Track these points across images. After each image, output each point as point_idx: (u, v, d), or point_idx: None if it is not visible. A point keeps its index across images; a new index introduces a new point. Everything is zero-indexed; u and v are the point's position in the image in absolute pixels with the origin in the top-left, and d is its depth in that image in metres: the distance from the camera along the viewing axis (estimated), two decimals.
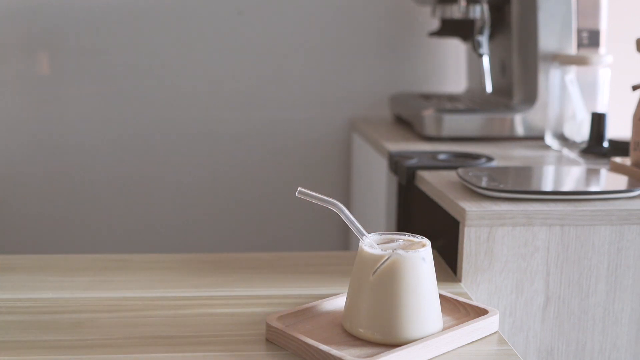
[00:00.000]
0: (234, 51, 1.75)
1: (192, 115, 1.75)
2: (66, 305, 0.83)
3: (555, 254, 0.94)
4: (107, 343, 0.74)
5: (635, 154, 1.10)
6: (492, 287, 0.94)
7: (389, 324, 0.71)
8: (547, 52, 1.42)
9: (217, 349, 0.73)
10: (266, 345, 0.74)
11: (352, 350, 0.70)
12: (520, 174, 1.10)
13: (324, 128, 1.79)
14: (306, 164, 1.80)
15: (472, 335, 0.75)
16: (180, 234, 1.79)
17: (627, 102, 1.46)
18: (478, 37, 1.48)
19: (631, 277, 0.96)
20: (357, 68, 1.78)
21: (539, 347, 0.97)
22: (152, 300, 0.85)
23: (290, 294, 0.88)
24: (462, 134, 1.42)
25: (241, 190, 1.79)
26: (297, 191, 0.74)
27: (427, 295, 0.73)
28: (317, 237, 1.82)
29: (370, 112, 1.79)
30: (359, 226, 0.75)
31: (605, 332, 0.97)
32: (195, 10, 1.73)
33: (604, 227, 0.94)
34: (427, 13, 1.75)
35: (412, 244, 0.75)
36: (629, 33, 1.59)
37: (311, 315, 0.78)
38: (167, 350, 0.72)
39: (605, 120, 1.29)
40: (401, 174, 1.18)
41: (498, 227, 0.93)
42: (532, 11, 1.43)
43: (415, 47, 1.78)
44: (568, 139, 1.35)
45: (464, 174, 1.04)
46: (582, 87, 1.36)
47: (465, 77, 1.77)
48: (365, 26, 1.77)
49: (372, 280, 0.72)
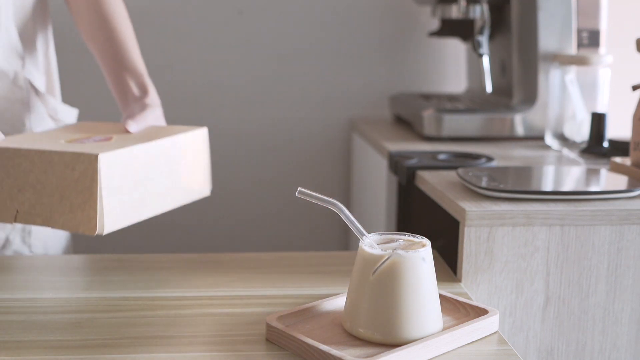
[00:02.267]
0: (234, 51, 1.75)
1: (192, 115, 1.75)
2: (66, 305, 0.83)
3: (555, 254, 0.94)
4: (107, 343, 0.74)
5: (635, 154, 1.10)
6: (492, 287, 0.94)
7: (389, 324, 0.71)
8: (547, 52, 1.42)
9: (217, 349, 0.73)
10: (266, 345, 0.74)
11: (352, 350, 0.70)
12: (520, 174, 1.10)
13: (324, 128, 1.79)
14: (306, 164, 1.80)
15: (472, 335, 0.75)
16: (181, 234, 1.79)
17: (627, 102, 1.46)
18: (478, 37, 1.48)
19: (631, 277, 0.96)
20: (357, 68, 1.78)
21: (539, 347, 0.97)
22: (152, 300, 0.85)
23: (290, 294, 0.88)
24: (462, 134, 1.42)
25: (241, 190, 1.79)
26: (297, 191, 0.74)
27: (427, 295, 0.73)
28: (317, 237, 1.82)
29: (370, 112, 1.79)
30: (359, 226, 0.75)
31: (605, 332, 0.97)
32: (195, 10, 1.73)
33: (604, 227, 0.94)
34: (427, 13, 1.75)
35: (412, 244, 0.75)
36: (629, 33, 1.59)
37: (311, 315, 0.78)
38: (167, 350, 0.72)
39: (605, 120, 1.29)
40: (401, 174, 1.18)
41: (498, 227, 0.93)
42: (532, 11, 1.43)
43: (415, 47, 1.79)
44: (568, 139, 1.35)
45: (464, 174, 1.04)
46: (582, 87, 1.36)
47: (465, 77, 1.77)
48: (365, 26, 1.77)
49: (372, 280, 0.72)
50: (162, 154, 0.91)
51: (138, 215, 0.89)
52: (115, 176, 0.84)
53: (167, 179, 0.93)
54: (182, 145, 0.95)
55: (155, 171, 0.90)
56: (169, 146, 0.92)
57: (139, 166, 0.88)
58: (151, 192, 0.90)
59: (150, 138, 0.92)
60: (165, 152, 0.92)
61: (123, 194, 0.86)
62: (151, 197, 0.90)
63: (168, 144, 0.92)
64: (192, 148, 0.97)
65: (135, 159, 0.87)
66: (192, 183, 0.97)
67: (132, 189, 0.87)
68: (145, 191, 0.89)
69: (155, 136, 0.93)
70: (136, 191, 0.88)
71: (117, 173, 0.85)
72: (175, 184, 0.94)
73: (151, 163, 0.90)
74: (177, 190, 0.95)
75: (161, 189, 0.92)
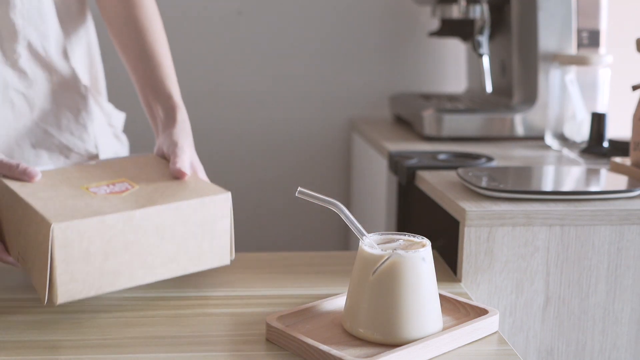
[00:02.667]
0: (234, 51, 1.75)
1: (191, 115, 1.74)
2: (66, 305, 0.83)
3: (555, 254, 0.94)
4: (107, 343, 0.74)
5: (635, 154, 1.10)
6: (492, 287, 0.94)
7: (389, 324, 0.71)
8: (547, 52, 1.42)
9: (217, 349, 0.73)
10: (266, 345, 0.74)
11: (352, 350, 0.70)
12: (520, 174, 1.10)
13: (324, 128, 1.79)
14: (306, 164, 1.80)
15: (472, 335, 0.75)
16: None
17: (627, 102, 1.46)
18: (478, 37, 1.48)
19: (631, 277, 0.96)
20: (357, 68, 1.78)
21: (539, 347, 0.97)
22: (152, 300, 0.85)
23: (290, 294, 0.88)
24: (462, 134, 1.42)
25: (241, 190, 1.79)
26: (297, 191, 0.74)
27: (427, 295, 0.73)
28: (317, 237, 1.82)
29: (370, 112, 1.79)
30: (359, 226, 0.75)
31: (605, 332, 0.97)
32: (195, 10, 1.73)
33: (604, 227, 0.94)
34: (427, 13, 1.75)
35: (412, 244, 0.75)
36: (629, 33, 1.59)
37: (311, 315, 0.78)
38: (167, 350, 0.72)
39: (605, 120, 1.29)
40: (401, 174, 1.18)
41: (498, 227, 0.93)
42: (532, 11, 1.43)
43: (415, 47, 1.79)
44: (568, 139, 1.35)
45: (464, 174, 1.04)
46: (582, 87, 1.36)
47: (465, 77, 1.77)
48: (365, 26, 1.77)
49: (372, 280, 0.72)
50: (161, 220, 0.82)
51: (112, 285, 0.80)
52: (76, 246, 0.76)
53: (167, 246, 0.82)
54: (191, 211, 0.83)
55: (146, 238, 0.81)
56: (171, 212, 0.82)
57: (116, 233, 0.79)
58: (137, 260, 0.81)
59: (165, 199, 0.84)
60: (166, 217, 0.82)
61: (90, 264, 0.78)
62: (137, 265, 0.81)
63: (170, 210, 0.82)
64: (207, 213, 0.85)
65: (110, 228, 0.78)
66: (204, 251, 0.85)
67: (104, 258, 0.78)
68: (127, 260, 0.80)
69: (167, 197, 0.84)
70: (112, 260, 0.79)
71: (79, 242, 0.77)
72: (179, 251, 0.83)
73: (140, 229, 0.80)
74: (182, 257, 0.84)
75: (155, 257, 0.82)
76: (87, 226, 0.77)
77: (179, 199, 0.84)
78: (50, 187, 0.86)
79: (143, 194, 0.85)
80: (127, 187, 0.87)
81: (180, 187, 0.87)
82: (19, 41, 1.01)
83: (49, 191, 0.84)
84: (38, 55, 1.03)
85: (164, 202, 0.82)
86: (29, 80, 1.04)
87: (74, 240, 0.77)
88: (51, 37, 1.04)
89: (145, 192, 0.86)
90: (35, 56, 1.03)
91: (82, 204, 0.81)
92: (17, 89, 1.03)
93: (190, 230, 0.84)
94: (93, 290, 0.79)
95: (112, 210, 0.80)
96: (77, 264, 0.77)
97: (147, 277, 0.82)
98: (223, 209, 0.86)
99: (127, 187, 0.87)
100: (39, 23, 1.02)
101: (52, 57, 1.05)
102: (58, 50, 1.06)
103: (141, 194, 0.85)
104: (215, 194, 0.86)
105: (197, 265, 0.85)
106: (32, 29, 1.02)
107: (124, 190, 0.86)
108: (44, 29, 1.03)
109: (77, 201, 0.82)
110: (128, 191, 0.86)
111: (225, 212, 0.86)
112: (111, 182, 0.88)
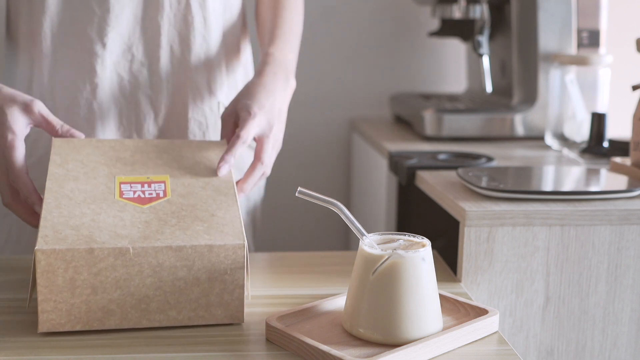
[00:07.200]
0: None
1: None
2: None
3: (555, 254, 0.94)
4: (107, 343, 0.74)
5: (635, 154, 1.10)
6: (492, 287, 0.94)
7: (389, 324, 0.71)
8: (547, 52, 1.42)
9: (217, 349, 0.73)
10: (266, 345, 0.74)
11: (352, 350, 0.70)
12: (520, 174, 1.10)
13: (324, 128, 1.79)
14: (306, 163, 1.80)
15: (472, 336, 0.75)
16: None
17: (627, 102, 1.47)
18: (478, 37, 1.48)
19: (631, 277, 0.96)
20: (357, 68, 1.78)
21: (539, 347, 0.97)
22: None
23: (290, 294, 0.88)
24: (462, 134, 1.42)
25: None
26: (297, 191, 0.74)
27: (427, 296, 0.73)
28: (317, 237, 1.82)
29: (370, 112, 1.79)
30: (359, 226, 0.75)
31: (605, 332, 0.97)
32: None
33: (604, 227, 0.94)
34: (427, 13, 1.75)
35: (412, 244, 0.75)
36: (629, 33, 1.59)
37: (311, 315, 0.78)
38: (167, 350, 0.72)
39: (605, 120, 1.29)
40: (401, 174, 1.18)
41: (498, 227, 0.93)
42: (532, 11, 1.43)
43: (415, 47, 1.79)
44: (568, 139, 1.35)
45: (464, 174, 1.04)
46: (582, 87, 1.36)
47: (465, 77, 1.77)
48: (365, 26, 1.77)
49: (372, 280, 0.72)
50: (158, 260, 0.75)
51: (102, 323, 0.75)
52: (61, 274, 0.72)
53: (166, 290, 0.75)
54: (196, 256, 0.76)
55: (141, 277, 0.74)
56: (171, 254, 0.75)
57: (106, 267, 0.73)
58: (130, 300, 0.75)
59: (172, 233, 0.76)
60: (166, 258, 0.75)
61: (76, 296, 0.73)
62: (130, 305, 0.75)
63: (171, 251, 0.75)
64: (216, 260, 0.76)
65: (99, 260, 0.73)
66: (211, 303, 0.77)
67: (92, 292, 0.73)
68: (118, 297, 0.74)
69: (176, 229, 0.77)
70: (101, 295, 0.74)
71: (64, 271, 0.73)
72: (180, 299, 0.76)
73: (134, 266, 0.74)
74: (184, 306, 0.77)
75: (151, 300, 0.75)
76: (73, 255, 0.73)
77: (185, 238, 0.76)
78: (83, 175, 0.81)
79: (163, 213, 0.79)
80: (158, 194, 0.80)
81: (202, 213, 0.79)
82: (161, 45, 1.02)
83: (78, 182, 0.80)
84: (176, 59, 1.04)
85: (166, 240, 0.75)
86: (162, 85, 1.04)
87: (59, 267, 0.72)
88: (196, 45, 1.05)
89: (169, 210, 0.79)
90: (173, 62, 1.04)
91: (88, 219, 0.76)
92: (145, 92, 1.04)
93: (194, 277, 0.76)
94: (79, 324, 0.74)
95: (108, 237, 0.74)
96: (62, 293, 0.73)
97: (143, 321, 0.76)
98: (235, 258, 0.77)
99: (158, 194, 0.80)
100: (183, 29, 1.03)
101: (190, 65, 1.05)
102: (199, 60, 1.06)
103: (163, 211, 0.79)
104: (227, 240, 0.76)
105: (203, 318, 0.77)
106: (176, 34, 1.03)
107: (152, 199, 0.80)
108: (186, 36, 1.04)
109: (87, 209, 0.77)
110: (155, 202, 0.79)
111: (237, 262, 0.77)
112: (151, 179, 0.82)
